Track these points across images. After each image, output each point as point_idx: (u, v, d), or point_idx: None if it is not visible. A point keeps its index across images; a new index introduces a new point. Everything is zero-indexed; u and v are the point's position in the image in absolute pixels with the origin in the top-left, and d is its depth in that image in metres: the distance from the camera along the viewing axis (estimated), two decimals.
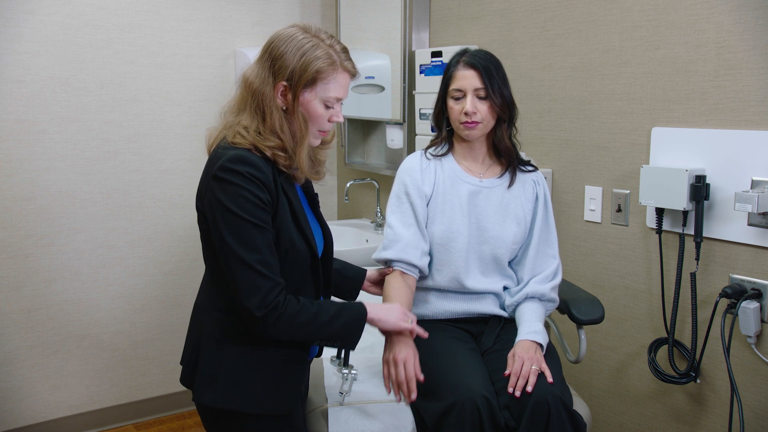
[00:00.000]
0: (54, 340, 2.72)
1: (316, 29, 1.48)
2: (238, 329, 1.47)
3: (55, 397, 2.74)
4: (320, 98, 1.46)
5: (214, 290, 1.54)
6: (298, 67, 1.42)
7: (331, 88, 1.46)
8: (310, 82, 1.44)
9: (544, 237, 1.85)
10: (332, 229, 3.01)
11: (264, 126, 1.44)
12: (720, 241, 1.85)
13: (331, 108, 1.50)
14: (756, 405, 1.80)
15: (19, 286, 2.64)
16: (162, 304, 2.94)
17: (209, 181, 1.43)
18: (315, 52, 1.43)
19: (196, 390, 1.50)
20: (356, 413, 1.65)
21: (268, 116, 1.44)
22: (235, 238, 1.38)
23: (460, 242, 1.80)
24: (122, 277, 2.84)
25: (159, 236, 2.91)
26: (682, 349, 1.96)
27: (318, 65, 1.43)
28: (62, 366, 2.75)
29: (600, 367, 2.21)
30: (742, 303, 1.75)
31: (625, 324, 2.13)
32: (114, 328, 2.84)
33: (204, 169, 1.51)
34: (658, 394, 2.06)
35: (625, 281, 2.12)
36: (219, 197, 1.40)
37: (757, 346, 1.78)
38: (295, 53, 1.43)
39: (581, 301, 1.92)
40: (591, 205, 2.20)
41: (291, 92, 1.44)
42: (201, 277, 3.01)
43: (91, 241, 2.76)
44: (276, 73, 1.44)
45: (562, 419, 1.60)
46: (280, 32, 1.48)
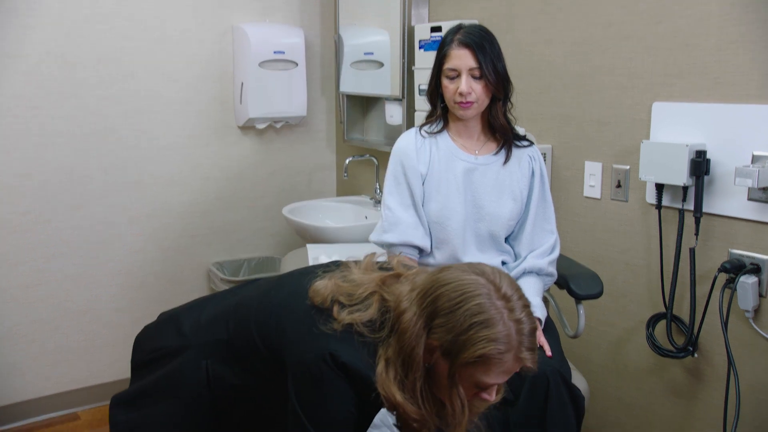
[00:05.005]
0: (54, 316, 2.73)
1: (508, 286, 1.10)
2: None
3: (55, 372, 2.76)
4: (473, 380, 1.11)
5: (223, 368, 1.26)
6: (460, 340, 1.07)
7: (492, 375, 1.10)
8: (470, 363, 1.08)
9: (541, 212, 1.85)
10: (330, 206, 3.07)
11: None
12: (719, 216, 1.85)
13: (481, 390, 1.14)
14: (753, 379, 1.81)
15: (19, 262, 2.64)
16: (161, 281, 2.94)
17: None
18: (488, 330, 1.06)
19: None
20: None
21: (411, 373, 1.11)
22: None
23: (456, 220, 1.80)
24: (121, 253, 2.84)
25: (157, 213, 2.91)
26: (680, 324, 1.97)
27: (486, 351, 1.06)
28: (62, 342, 2.76)
29: (598, 343, 2.22)
30: (740, 278, 1.75)
31: (624, 299, 2.13)
32: (114, 305, 2.85)
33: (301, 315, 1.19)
34: (655, 369, 2.07)
35: (625, 257, 2.12)
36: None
37: (755, 320, 1.79)
38: (462, 321, 1.07)
39: (580, 276, 1.93)
40: (591, 181, 2.20)
41: (444, 360, 1.10)
42: (202, 253, 3.04)
43: (90, 217, 2.75)
44: (431, 329, 1.10)
45: (560, 393, 1.62)
46: (458, 277, 1.10)
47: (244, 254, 3.15)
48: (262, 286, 1.31)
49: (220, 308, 1.30)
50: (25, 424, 2.71)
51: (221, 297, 1.36)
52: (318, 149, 3.31)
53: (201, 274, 3.05)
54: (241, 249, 3.14)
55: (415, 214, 1.82)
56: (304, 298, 1.18)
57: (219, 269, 3.01)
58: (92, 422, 2.74)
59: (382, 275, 1.19)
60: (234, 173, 3.08)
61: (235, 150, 3.06)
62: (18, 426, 2.70)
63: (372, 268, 1.23)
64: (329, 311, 1.15)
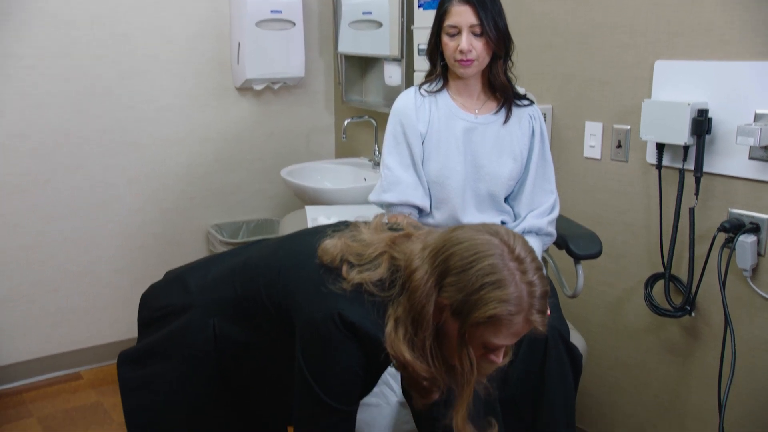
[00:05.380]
0: (54, 277, 2.74)
1: (522, 248, 1.09)
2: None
3: (56, 333, 2.78)
4: (481, 341, 1.10)
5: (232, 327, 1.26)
6: (472, 300, 1.06)
7: (501, 336, 1.09)
8: (480, 323, 1.07)
9: (541, 172, 1.84)
10: (328, 168, 3.05)
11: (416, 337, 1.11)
12: (720, 176, 1.84)
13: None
14: (749, 336, 1.83)
15: (18, 223, 2.64)
16: (161, 242, 2.95)
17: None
18: (500, 291, 1.04)
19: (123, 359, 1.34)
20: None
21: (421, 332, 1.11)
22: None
23: (455, 180, 1.79)
24: (120, 215, 2.84)
25: (156, 174, 2.90)
26: (678, 283, 1.98)
27: (497, 312, 1.05)
28: (63, 303, 2.77)
29: (597, 303, 2.24)
30: (739, 237, 1.76)
31: (623, 260, 2.14)
32: (114, 266, 2.86)
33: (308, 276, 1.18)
34: (653, 328, 2.09)
35: (624, 217, 2.12)
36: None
37: (752, 279, 1.80)
38: (474, 281, 1.05)
39: (579, 236, 1.93)
40: (591, 141, 2.18)
41: (454, 320, 1.09)
42: (201, 215, 3.04)
43: (88, 179, 2.74)
44: (442, 287, 1.08)
45: (559, 351, 1.63)
46: (472, 236, 1.09)
47: (243, 216, 3.15)
48: (269, 246, 1.30)
49: (227, 267, 1.29)
50: (28, 383, 2.74)
51: (229, 256, 1.36)
52: (316, 111, 3.28)
53: (200, 236, 3.06)
54: (239, 211, 3.14)
55: (415, 173, 1.81)
56: (313, 258, 1.16)
57: (218, 231, 3.01)
58: (94, 381, 2.77)
59: (392, 235, 1.18)
60: (232, 135, 3.06)
61: (233, 111, 3.04)
62: (21, 385, 2.73)
63: (382, 229, 1.22)
64: (338, 271, 1.14)
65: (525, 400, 1.63)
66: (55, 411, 2.56)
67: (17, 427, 2.46)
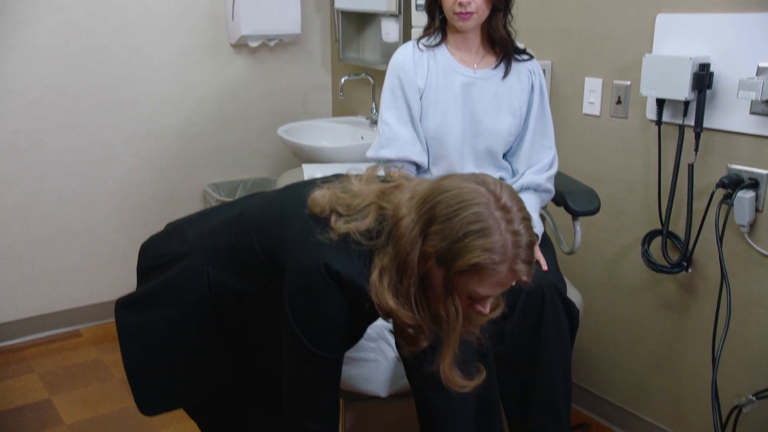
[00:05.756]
0: (52, 235, 2.74)
1: (508, 197, 1.08)
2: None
3: (56, 291, 2.79)
4: (466, 290, 1.10)
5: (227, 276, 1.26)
6: (456, 248, 1.05)
7: (485, 286, 1.09)
8: (463, 271, 1.07)
9: (540, 128, 1.83)
10: (326, 126, 3.03)
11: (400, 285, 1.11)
12: (720, 131, 1.83)
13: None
14: (744, 291, 1.84)
15: (14, 181, 2.63)
16: (158, 201, 2.94)
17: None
18: (484, 239, 1.04)
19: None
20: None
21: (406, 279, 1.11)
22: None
23: (454, 135, 1.77)
24: (117, 173, 2.83)
25: (152, 133, 2.87)
26: (676, 240, 1.98)
27: (480, 260, 1.05)
28: (62, 261, 2.78)
29: (594, 260, 2.25)
30: (738, 193, 1.75)
31: (621, 217, 2.14)
32: (112, 225, 2.86)
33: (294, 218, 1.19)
34: (650, 285, 2.10)
35: (623, 174, 2.12)
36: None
37: (749, 235, 1.80)
38: (458, 229, 1.05)
39: (577, 192, 1.93)
40: (590, 97, 2.16)
41: (439, 268, 1.09)
42: (198, 174, 3.03)
43: (84, 137, 2.72)
44: (427, 235, 1.08)
45: (556, 306, 1.64)
46: (459, 185, 1.08)
47: (240, 175, 3.14)
48: (264, 197, 1.31)
49: (223, 218, 1.30)
50: (29, 340, 2.77)
51: (226, 207, 1.36)
52: (313, 68, 3.24)
53: (197, 195, 3.05)
54: (236, 170, 3.13)
55: (413, 129, 1.79)
56: (303, 208, 1.17)
57: (215, 190, 3.00)
58: (94, 339, 2.79)
59: (382, 186, 1.19)
60: (228, 93, 3.02)
61: (229, 69, 3.00)
62: (22, 342, 2.75)
63: (373, 180, 1.22)
64: (326, 221, 1.14)
65: (521, 355, 1.64)
66: (56, 367, 2.59)
67: (19, 382, 2.49)
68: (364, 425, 1.72)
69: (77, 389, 2.45)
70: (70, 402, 2.37)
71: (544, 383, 1.63)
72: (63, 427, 2.24)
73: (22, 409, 2.33)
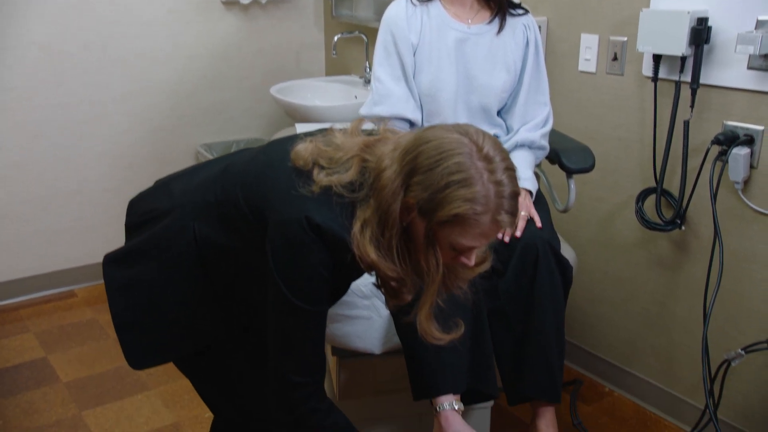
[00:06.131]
0: (44, 195, 2.72)
1: (491, 147, 1.06)
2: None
3: (50, 251, 2.79)
4: (449, 241, 1.09)
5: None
6: (437, 198, 1.05)
7: (468, 237, 1.08)
8: (445, 222, 1.06)
9: (535, 84, 1.81)
10: (319, 85, 2.99)
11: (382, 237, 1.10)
12: (717, 87, 1.81)
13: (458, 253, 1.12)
14: (737, 248, 1.85)
15: (3, 140, 2.60)
16: (150, 162, 2.92)
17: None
18: (466, 189, 1.03)
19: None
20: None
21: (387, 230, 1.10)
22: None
23: (447, 92, 1.75)
24: (108, 133, 2.80)
25: (143, 92, 2.83)
26: (670, 197, 1.98)
27: (462, 210, 1.04)
28: (55, 221, 2.77)
29: (588, 218, 2.25)
30: (732, 149, 1.74)
31: (615, 174, 2.14)
32: (104, 185, 2.84)
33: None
34: (643, 242, 2.10)
35: (618, 132, 2.10)
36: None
37: (743, 192, 1.80)
38: (440, 179, 1.04)
39: (572, 150, 1.92)
40: (586, 54, 2.14)
41: (421, 219, 1.08)
42: (190, 134, 3.00)
43: (73, 95, 2.68)
44: (409, 186, 1.07)
45: (549, 262, 1.64)
46: (441, 135, 1.07)
47: (233, 135, 3.11)
48: (250, 152, 1.30)
49: (210, 173, 1.29)
50: (23, 300, 2.77)
51: (213, 163, 1.35)
52: (305, 26, 3.19)
53: (189, 155, 3.02)
54: (229, 130, 3.10)
55: (406, 86, 1.77)
56: (287, 161, 1.17)
57: (207, 150, 2.98)
58: (89, 299, 2.80)
59: (365, 139, 1.18)
60: (219, 52, 2.98)
61: (220, 27, 2.95)
62: (17, 301, 2.76)
63: (357, 133, 1.21)
64: (309, 174, 1.14)
65: (515, 311, 1.65)
66: (52, 327, 2.60)
67: (15, 341, 2.50)
68: (358, 382, 1.74)
69: (73, 348, 2.46)
70: (66, 360, 2.38)
71: (537, 339, 1.64)
72: (60, 384, 2.25)
73: (19, 367, 2.35)
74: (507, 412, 2.08)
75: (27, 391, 2.21)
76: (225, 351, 1.36)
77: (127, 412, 2.12)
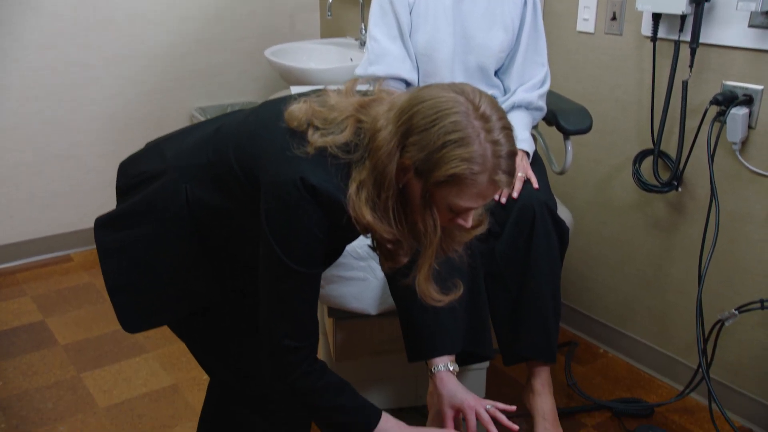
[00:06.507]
0: (37, 160, 2.70)
1: (488, 106, 1.04)
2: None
3: (45, 216, 2.78)
4: (446, 202, 1.08)
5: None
6: (434, 158, 1.03)
7: (465, 197, 1.06)
8: (442, 182, 1.04)
9: (533, 44, 1.78)
10: (314, 48, 2.95)
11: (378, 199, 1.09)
12: (716, 46, 1.79)
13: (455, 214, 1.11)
14: (733, 209, 1.85)
15: None
16: (144, 126, 2.89)
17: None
18: (463, 149, 1.01)
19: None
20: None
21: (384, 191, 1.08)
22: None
23: (444, 52, 1.73)
24: (100, 97, 2.77)
25: (135, 54, 2.79)
26: (667, 159, 1.97)
27: (458, 170, 1.02)
28: (48, 186, 2.75)
29: (585, 180, 2.24)
30: (731, 109, 1.73)
31: (613, 136, 2.12)
32: (97, 150, 2.82)
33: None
34: (639, 204, 2.10)
35: (615, 93, 2.08)
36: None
37: (741, 152, 1.79)
38: (436, 139, 1.02)
39: (569, 111, 1.90)
40: (584, 14, 2.10)
41: (417, 180, 1.07)
42: (184, 97, 2.96)
43: (62, 58, 2.64)
44: (405, 147, 1.05)
45: (546, 223, 1.64)
46: (437, 94, 1.05)
47: (227, 99, 3.08)
48: (242, 113, 1.28)
49: (202, 134, 1.27)
50: (19, 264, 2.77)
51: (205, 124, 1.33)
52: None
53: (184, 119, 2.99)
54: (223, 93, 3.07)
55: (403, 45, 1.75)
56: (280, 122, 1.15)
57: (202, 114, 2.95)
58: (85, 264, 2.80)
59: (360, 99, 1.16)
60: (212, 13, 2.93)
61: None
62: (13, 265, 2.76)
63: (351, 94, 1.19)
64: (303, 135, 1.12)
65: (511, 272, 1.65)
66: (49, 291, 2.60)
67: (12, 304, 2.51)
68: (353, 343, 1.75)
69: (70, 312, 2.47)
70: (63, 324, 2.39)
71: (534, 300, 1.64)
72: (58, 347, 2.27)
73: (17, 330, 2.35)
74: (502, 373, 2.10)
75: (26, 354, 2.22)
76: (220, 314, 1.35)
77: (125, 374, 2.13)
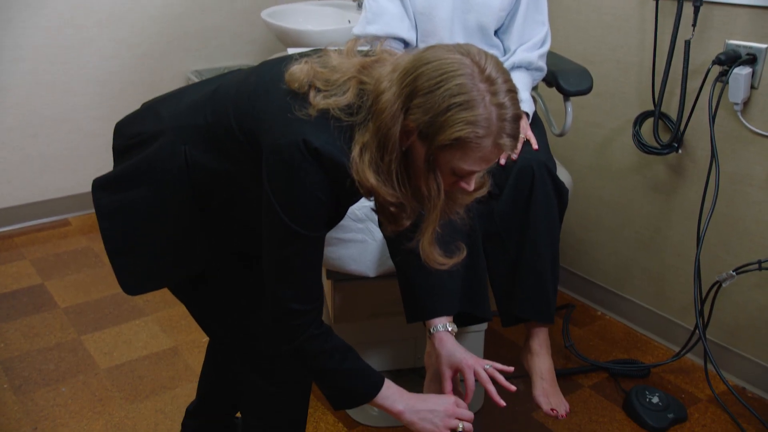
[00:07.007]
0: (32, 123, 2.68)
1: (493, 68, 1.03)
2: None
3: (41, 180, 2.76)
4: (450, 166, 1.07)
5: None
6: (438, 121, 1.01)
7: (469, 161, 1.05)
8: (446, 146, 1.03)
9: (534, 2, 1.75)
10: (311, 9, 2.90)
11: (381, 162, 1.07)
12: (720, 4, 1.76)
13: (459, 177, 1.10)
14: (733, 171, 1.84)
15: None
16: (140, 89, 2.86)
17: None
18: (467, 112, 1.00)
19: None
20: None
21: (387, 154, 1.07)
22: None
23: (443, 10, 1.70)
24: (94, 59, 2.73)
25: (129, 15, 2.75)
26: (668, 120, 1.96)
27: (463, 134, 1.01)
28: (44, 150, 2.73)
29: (585, 143, 2.23)
30: (734, 69, 1.71)
31: (613, 98, 2.10)
32: (93, 113, 2.79)
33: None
34: (639, 167, 2.09)
35: (617, 54, 2.06)
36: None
37: (742, 113, 1.78)
38: (441, 102, 1.01)
39: (570, 72, 1.88)
40: None
41: (421, 143, 1.05)
42: (179, 60, 2.93)
43: (55, 18, 2.60)
44: (409, 109, 1.04)
45: (545, 184, 1.63)
46: (441, 56, 1.03)
47: (223, 62, 3.04)
48: (241, 73, 1.26)
49: (199, 95, 1.25)
50: (17, 228, 2.77)
51: (202, 84, 1.31)
52: None
53: (180, 82, 2.96)
54: (219, 56, 3.03)
55: (400, 3, 1.71)
56: (281, 83, 1.13)
57: (198, 77, 2.92)
58: (83, 228, 2.79)
59: (362, 60, 1.14)
60: None
61: None
62: (11, 229, 2.76)
63: (353, 54, 1.17)
64: (305, 96, 1.10)
65: (510, 233, 1.64)
66: (47, 255, 2.60)
67: (11, 268, 2.51)
68: (352, 305, 1.75)
69: (69, 275, 2.47)
70: (62, 287, 2.40)
71: (532, 261, 1.64)
72: (58, 310, 2.27)
73: (17, 293, 2.36)
74: (500, 335, 2.11)
75: (26, 316, 2.23)
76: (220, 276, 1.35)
77: (125, 337, 2.14)
